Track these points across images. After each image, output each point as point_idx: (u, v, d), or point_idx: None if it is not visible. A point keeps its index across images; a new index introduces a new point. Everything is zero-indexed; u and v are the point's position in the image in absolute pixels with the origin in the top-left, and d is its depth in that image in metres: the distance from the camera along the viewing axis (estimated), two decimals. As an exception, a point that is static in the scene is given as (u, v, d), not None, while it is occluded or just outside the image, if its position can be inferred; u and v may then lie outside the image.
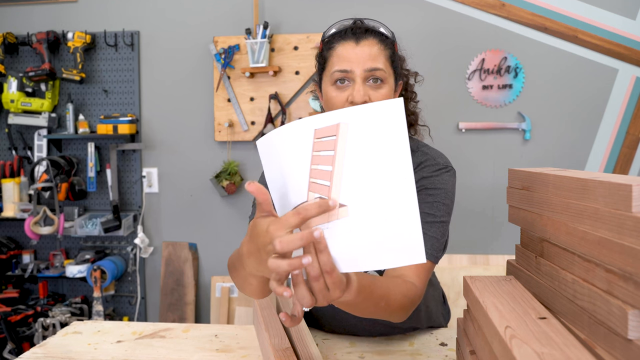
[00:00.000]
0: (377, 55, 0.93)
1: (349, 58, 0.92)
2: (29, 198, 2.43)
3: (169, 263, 2.50)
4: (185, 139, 2.49)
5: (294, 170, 0.61)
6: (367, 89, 0.92)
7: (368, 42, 0.93)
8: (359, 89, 0.90)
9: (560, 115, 2.29)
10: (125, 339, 1.08)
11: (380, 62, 0.93)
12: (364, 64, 0.91)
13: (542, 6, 2.26)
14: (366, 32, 0.94)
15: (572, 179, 0.60)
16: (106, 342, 1.07)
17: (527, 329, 0.57)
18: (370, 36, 0.94)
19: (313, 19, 2.38)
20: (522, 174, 0.77)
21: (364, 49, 0.92)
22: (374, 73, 0.92)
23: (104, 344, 1.05)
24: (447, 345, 1.02)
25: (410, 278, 0.88)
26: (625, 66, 2.24)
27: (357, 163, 0.56)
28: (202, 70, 2.45)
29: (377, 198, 0.56)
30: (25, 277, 2.43)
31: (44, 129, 2.46)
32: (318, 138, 0.59)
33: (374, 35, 0.94)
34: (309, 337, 0.90)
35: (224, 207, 2.47)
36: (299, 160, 0.60)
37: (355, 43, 0.93)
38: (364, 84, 0.92)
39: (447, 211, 0.96)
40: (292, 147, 0.60)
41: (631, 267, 0.47)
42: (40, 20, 2.50)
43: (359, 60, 0.91)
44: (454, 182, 0.99)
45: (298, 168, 0.60)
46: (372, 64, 0.91)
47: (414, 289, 0.86)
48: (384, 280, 0.82)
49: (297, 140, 0.60)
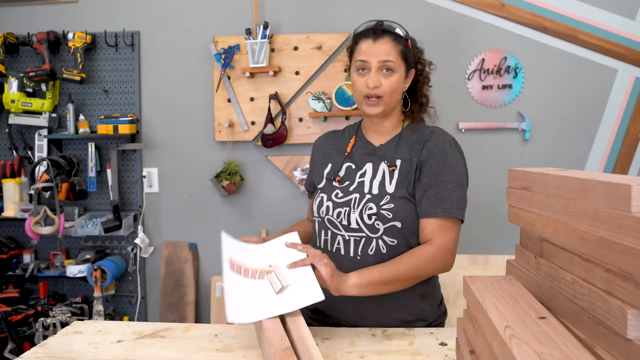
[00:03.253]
0: (390, 51, 1.18)
1: (367, 52, 1.19)
2: (30, 198, 2.43)
3: (169, 263, 2.50)
4: (186, 139, 2.49)
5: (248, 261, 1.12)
6: (380, 76, 1.19)
7: (384, 41, 1.19)
8: (373, 76, 1.18)
9: (560, 115, 2.29)
10: (125, 339, 1.08)
11: (392, 55, 1.18)
12: (379, 56, 1.18)
13: (542, 6, 2.26)
14: (383, 32, 1.19)
15: (572, 179, 0.60)
16: (106, 341, 1.07)
17: (526, 328, 0.57)
18: (386, 35, 1.19)
19: (313, 19, 2.38)
20: (522, 174, 0.77)
21: (380, 46, 1.18)
22: (385, 64, 1.18)
23: (104, 344, 1.06)
24: (447, 345, 1.02)
25: (433, 238, 1.15)
26: (625, 66, 2.24)
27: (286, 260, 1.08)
28: (202, 70, 2.45)
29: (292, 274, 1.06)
30: (25, 277, 2.43)
31: (45, 129, 2.46)
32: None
33: (389, 35, 1.19)
34: (309, 337, 0.90)
35: (224, 207, 2.47)
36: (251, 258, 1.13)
37: (373, 41, 1.19)
38: (377, 73, 1.19)
39: (462, 178, 1.21)
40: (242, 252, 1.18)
41: (631, 267, 0.48)
42: (40, 20, 2.50)
43: (375, 54, 1.18)
44: (462, 152, 1.25)
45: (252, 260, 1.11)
46: (384, 57, 1.18)
47: (431, 250, 1.13)
48: (392, 263, 1.11)
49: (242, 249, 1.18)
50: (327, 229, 1.23)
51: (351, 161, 1.28)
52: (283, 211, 2.41)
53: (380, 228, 1.17)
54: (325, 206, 1.23)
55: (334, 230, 1.22)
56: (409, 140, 1.24)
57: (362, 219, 1.18)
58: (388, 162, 1.22)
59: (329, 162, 1.32)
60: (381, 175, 1.21)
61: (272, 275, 1.04)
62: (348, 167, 1.27)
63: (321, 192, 1.27)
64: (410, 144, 1.23)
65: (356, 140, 1.32)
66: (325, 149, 1.36)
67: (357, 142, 1.31)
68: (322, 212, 1.24)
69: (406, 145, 1.24)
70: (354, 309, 1.19)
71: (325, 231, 1.24)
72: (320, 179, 1.31)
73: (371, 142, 1.29)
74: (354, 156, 1.28)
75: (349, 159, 1.28)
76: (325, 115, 2.32)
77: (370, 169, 1.23)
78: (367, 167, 1.24)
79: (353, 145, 1.31)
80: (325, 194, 1.25)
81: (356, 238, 1.19)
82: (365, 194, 1.20)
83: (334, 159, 1.31)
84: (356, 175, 1.24)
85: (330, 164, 1.31)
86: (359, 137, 1.32)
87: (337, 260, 1.19)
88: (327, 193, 1.25)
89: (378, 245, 1.18)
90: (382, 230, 1.17)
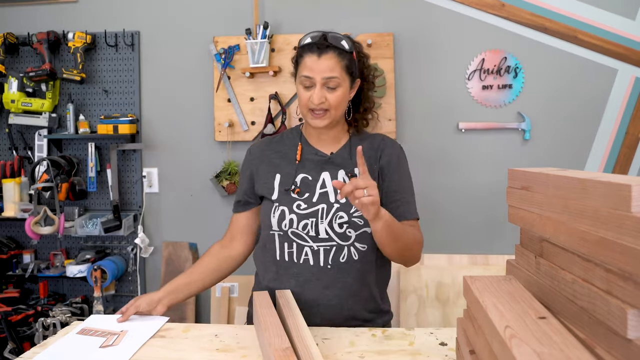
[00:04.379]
0: (334, 67, 1.18)
1: (311, 68, 1.18)
2: (30, 198, 2.43)
3: (169, 263, 2.50)
4: (186, 139, 2.49)
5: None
6: (325, 91, 1.19)
7: (328, 56, 1.18)
8: (318, 92, 1.19)
9: (560, 115, 2.29)
10: (125, 339, 1.08)
11: (336, 71, 1.18)
12: (323, 73, 1.18)
13: (542, 6, 2.26)
14: (327, 48, 1.18)
15: (571, 179, 0.60)
16: (107, 341, 1.07)
17: (526, 328, 0.57)
18: (330, 51, 1.18)
19: (313, 19, 2.38)
20: (521, 174, 0.77)
21: (324, 62, 1.18)
22: (330, 80, 1.18)
23: (104, 344, 1.05)
24: (447, 345, 1.02)
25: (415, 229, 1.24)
26: (625, 66, 2.24)
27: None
28: (202, 70, 2.45)
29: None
30: (25, 277, 2.43)
31: (45, 129, 2.46)
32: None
33: (333, 50, 1.19)
34: (309, 337, 0.90)
35: (224, 207, 2.47)
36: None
37: (317, 57, 1.18)
38: (322, 88, 1.19)
39: (411, 181, 1.31)
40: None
41: (631, 267, 0.48)
42: (40, 20, 2.50)
43: (319, 70, 1.18)
44: (405, 156, 1.32)
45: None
46: (329, 74, 1.18)
47: (419, 234, 1.25)
48: (402, 225, 1.15)
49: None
50: (292, 241, 1.21)
51: (304, 171, 1.25)
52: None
53: (352, 235, 1.19)
54: (289, 219, 1.20)
55: (300, 242, 1.20)
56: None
57: (332, 228, 1.18)
58: (349, 172, 1.23)
59: (276, 172, 1.27)
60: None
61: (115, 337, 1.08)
62: (304, 178, 1.25)
63: (279, 204, 1.23)
64: (363, 151, 1.23)
65: (303, 147, 1.30)
66: (269, 158, 1.31)
67: (304, 149, 1.29)
68: (284, 226, 1.21)
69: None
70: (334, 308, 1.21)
71: (290, 244, 1.21)
72: (269, 190, 1.26)
73: (320, 150, 1.28)
74: (306, 164, 1.26)
75: (302, 169, 1.26)
76: (325, 115, 2.32)
77: (329, 179, 1.23)
78: (324, 176, 1.24)
79: (301, 153, 1.28)
80: (285, 207, 1.22)
81: (326, 247, 1.19)
82: (332, 203, 1.20)
83: (282, 169, 1.27)
84: (315, 186, 1.23)
85: (279, 175, 1.27)
86: (304, 143, 1.30)
87: (306, 271, 1.20)
88: (286, 205, 1.22)
89: (350, 252, 1.19)
90: (354, 237, 1.19)
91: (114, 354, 0.98)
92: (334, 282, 1.19)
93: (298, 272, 1.21)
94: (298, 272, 1.21)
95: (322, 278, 1.19)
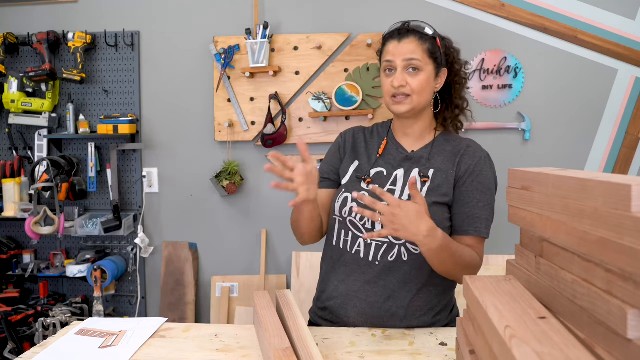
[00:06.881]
0: (415, 49, 1.18)
1: (393, 52, 1.19)
2: (30, 198, 2.43)
3: (169, 263, 2.50)
4: (186, 139, 2.49)
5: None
6: (406, 75, 1.18)
7: (409, 40, 1.19)
8: (399, 75, 1.18)
9: (560, 115, 2.29)
10: (125, 339, 1.08)
11: (417, 54, 1.18)
12: (403, 55, 1.18)
13: (542, 6, 2.26)
14: (408, 32, 1.20)
15: (571, 179, 0.60)
16: (107, 342, 1.07)
17: (526, 328, 0.57)
18: (411, 35, 1.19)
19: (313, 19, 2.38)
20: (521, 174, 0.77)
21: (405, 45, 1.18)
22: (411, 63, 1.18)
23: (104, 344, 1.05)
24: (447, 345, 1.02)
25: (474, 249, 1.17)
26: (625, 66, 2.24)
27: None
28: (202, 70, 2.45)
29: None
30: (25, 277, 2.43)
31: (45, 129, 2.46)
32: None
33: (415, 34, 1.19)
34: (309, 337, 0.90)
35: (224, 207, 2.47)
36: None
37: (398, 41, 1.19)
38: (403, 72, 1.18)
39: (492, 195, 1.23)
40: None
41: (631, 267, 0.48)
42: (40, 20, 2.50)
43: (399, 53, 1.18)
44: (494, 167, 1.26)
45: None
46: (409, 55, 1.17)
47: (477, 257, 1.17)
48: (457, 244, 1.11)
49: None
50: (349, 230, 1.21)
51: (382, 165, 1.25)
52: (283, 211, 2.41)
53: None
54: (350, 207, 1.21)
55: (356, 232, 1.20)
56: (442, 151, 1.23)
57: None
58: (421, 172, 1.20)
59: (356, 159, 1.29)
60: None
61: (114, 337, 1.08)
62: (379, 172, 1.24)
63: (345, 190, 1.24)
64: (444, 154, 1.22)
65: (387, 142, 1.29)
66: (357, 144, 1.32)
67: (388, 143, 1.29)
68: (344, 213, 1.22)
69: (439, 154, 1.23)
70: (359, 311, 1.17)
71: (346, 232, 1.22)
72: (344, 173, 1.28)
73: (403, 146, 1.27)
74: (386, 159, 1.26)
75: (381, 162, 1.26)
76: (325, 115, 2.32)
77: (402, 175, 1.21)
78: (397, 173, 1.22)
79: (385, 147, 1.28)
80: (349, 194, 1.22)
81: (378, 243, 1.18)
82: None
83: (362, 158, 1.28)
84: (387, 181, 1.22)
85: (357, 162, 1.28)
86: (390, 138, 1.30)
87: (355, 262, 1.19)
88: (351, 193, 1.20)
89: (400, 252, 1.17)
90: None
91: (114, 354, 0.99)
92: (377, 280, 1.17)
93: (348, 261, 1.20)
94: (348, 261, 1.20)
95: (367, 273, 1.17)
